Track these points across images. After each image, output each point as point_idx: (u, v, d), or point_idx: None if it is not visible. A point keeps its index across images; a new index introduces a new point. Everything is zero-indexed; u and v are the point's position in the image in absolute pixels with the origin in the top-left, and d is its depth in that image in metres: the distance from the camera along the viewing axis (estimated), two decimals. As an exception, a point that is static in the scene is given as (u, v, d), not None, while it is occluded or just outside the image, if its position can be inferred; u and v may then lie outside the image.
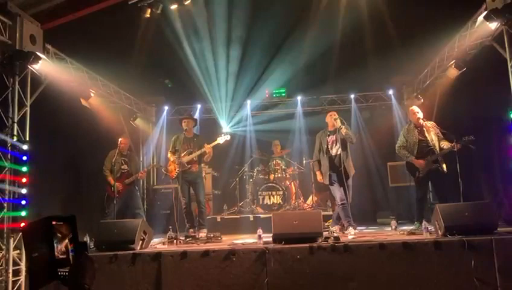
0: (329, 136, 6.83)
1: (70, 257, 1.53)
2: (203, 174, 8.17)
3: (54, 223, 1.49)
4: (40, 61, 5.92)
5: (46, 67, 6.30)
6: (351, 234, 6.04)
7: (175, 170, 7.05)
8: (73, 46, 7.08)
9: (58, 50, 6.77)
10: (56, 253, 1.49)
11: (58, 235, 1.51)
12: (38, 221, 1.48)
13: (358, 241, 5.29)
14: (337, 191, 6.67)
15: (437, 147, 6.41)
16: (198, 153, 7.04)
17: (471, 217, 5.24)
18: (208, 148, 7.00)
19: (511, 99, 5.58)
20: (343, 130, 6.56)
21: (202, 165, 7.52)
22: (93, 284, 1.55)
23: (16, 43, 5.65)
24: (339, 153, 6.66)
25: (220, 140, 7.25)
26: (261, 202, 8.99)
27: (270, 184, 9.11)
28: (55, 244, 1.48)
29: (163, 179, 10.08)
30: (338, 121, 6.65)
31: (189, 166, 7.06)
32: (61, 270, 1.49)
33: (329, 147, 6.78)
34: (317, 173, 6.98)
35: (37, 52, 5.87)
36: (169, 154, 7.36)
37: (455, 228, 5.10)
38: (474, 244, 4.81)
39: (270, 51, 9.07)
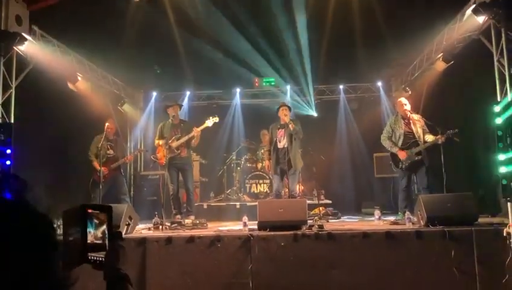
0: (279, 129, 7.10)
1: (107, 243, 1.59)
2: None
3: (89, 211, 1.55)
4: (25, 43, 5.84)
5: (32, 49, 6.21)
6: None
7: (164, 156, 7.03)
8: (60, 29, 6.94)
9: (45, 32, 6.66)
10: (90, 238, 1.55)
11: (96, 221, 1.58)
12: (74, 208, 1.54)
13: (341, 230, 5.35)
14: (275, 182, 7.30)
15: (422, 140, 6.53)
16: (186, 137, 7.03)
17: (453, 208, 5.35)
18: (196, 131, 7.00)
19: (497, 92, 5.65)
20: (291, 126, 6.80)
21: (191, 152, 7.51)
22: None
23: (1, 23, 5.55)
24: (285, 146, 6.94)
25: (209, 122, 7.24)
26: (248, 190, 9.03)
27: (258, 173, 9.15)
28: (90, 230, 1.55)
29: (152, 167, 10.03)
30: (288, 116, 6.93)
31: (179, 151, 7.05)
32: (92, 254, 1.55)
33: (277, 140, 7.09)
34: (266, 162, 7.70)
35: (23, 34, 5.78)
36: (156, 142, 7.33)
37: (437, 219, 5.19)
38: (454, 234, 4.92)
39: (260, 39, 9.00)
